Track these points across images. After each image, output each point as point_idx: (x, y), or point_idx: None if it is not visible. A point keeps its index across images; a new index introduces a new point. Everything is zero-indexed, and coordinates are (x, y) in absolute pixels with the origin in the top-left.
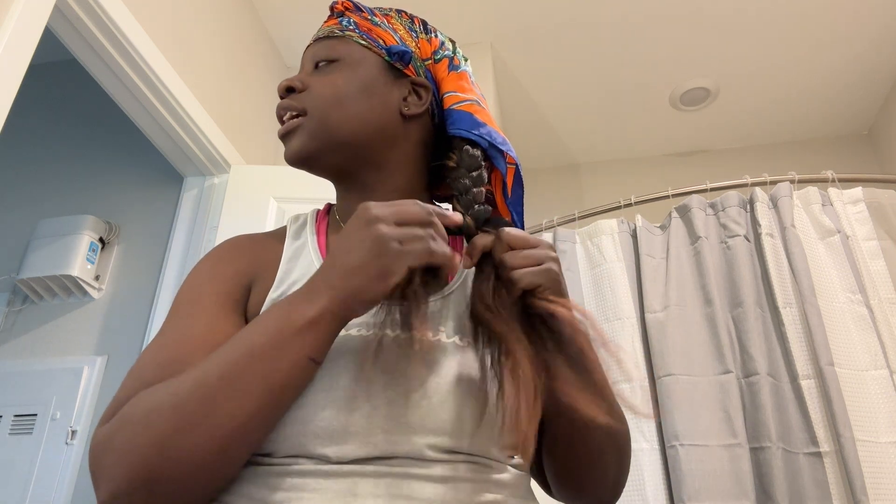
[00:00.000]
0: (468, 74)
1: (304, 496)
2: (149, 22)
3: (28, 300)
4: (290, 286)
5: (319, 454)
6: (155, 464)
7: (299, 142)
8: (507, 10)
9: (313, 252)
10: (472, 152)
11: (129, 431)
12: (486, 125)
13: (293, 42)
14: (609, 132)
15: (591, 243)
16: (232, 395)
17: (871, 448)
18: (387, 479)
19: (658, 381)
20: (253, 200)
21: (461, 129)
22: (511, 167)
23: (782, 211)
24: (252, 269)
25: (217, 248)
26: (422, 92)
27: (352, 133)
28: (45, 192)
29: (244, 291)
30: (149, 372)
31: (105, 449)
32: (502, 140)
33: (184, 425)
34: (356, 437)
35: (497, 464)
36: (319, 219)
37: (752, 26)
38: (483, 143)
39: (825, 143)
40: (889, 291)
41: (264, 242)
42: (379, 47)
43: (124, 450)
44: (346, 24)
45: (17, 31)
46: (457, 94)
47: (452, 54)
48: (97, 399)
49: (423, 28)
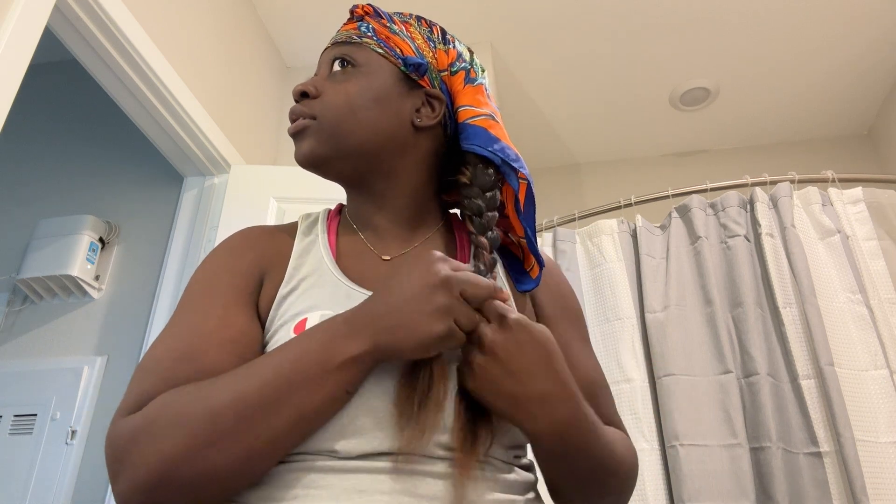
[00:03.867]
0: (484, 88)
1: (311, 493)
2: (149, 22)
3: (28, 300)
4: (299, 282)
5: (327, 449)
6: (180, 469)
7: (308, 145)
8: (507, 10)
9: (323, 249)
10: (487, 171)
11: (158, 433)
12: (500, 141)
13: (293, 42)
14: (609, 132)
15: (591, 243)
16: (265, 419)
17: (871, 448)
18: (393, 476)
19: (658, 381)
20: (253, 200)
21: (475, 145)
22: (523, 183)
23: (782, 211)
24: (264, 262)
25: (230, 238)
26: (435, 104)
27: (361, 142)
28: (45, 192)
29: (256, 285)
30: (167, 365)
31: (129, 442)
32: (515, 157)
33: (215, 440)
34: (364, 432)
35: (504, 464)
36: (330, 218)
37: (752, 26)
38: (496, 161)
39: (825, 143)
40: (889, 291)
41: (276, 235)
42: (396, 56)
43: (151, 449)
44: (364, 31)
45: (17, 31)
46: (472, 109)
47: (469, 66)
48: (97, 399)
49: (442, 37)
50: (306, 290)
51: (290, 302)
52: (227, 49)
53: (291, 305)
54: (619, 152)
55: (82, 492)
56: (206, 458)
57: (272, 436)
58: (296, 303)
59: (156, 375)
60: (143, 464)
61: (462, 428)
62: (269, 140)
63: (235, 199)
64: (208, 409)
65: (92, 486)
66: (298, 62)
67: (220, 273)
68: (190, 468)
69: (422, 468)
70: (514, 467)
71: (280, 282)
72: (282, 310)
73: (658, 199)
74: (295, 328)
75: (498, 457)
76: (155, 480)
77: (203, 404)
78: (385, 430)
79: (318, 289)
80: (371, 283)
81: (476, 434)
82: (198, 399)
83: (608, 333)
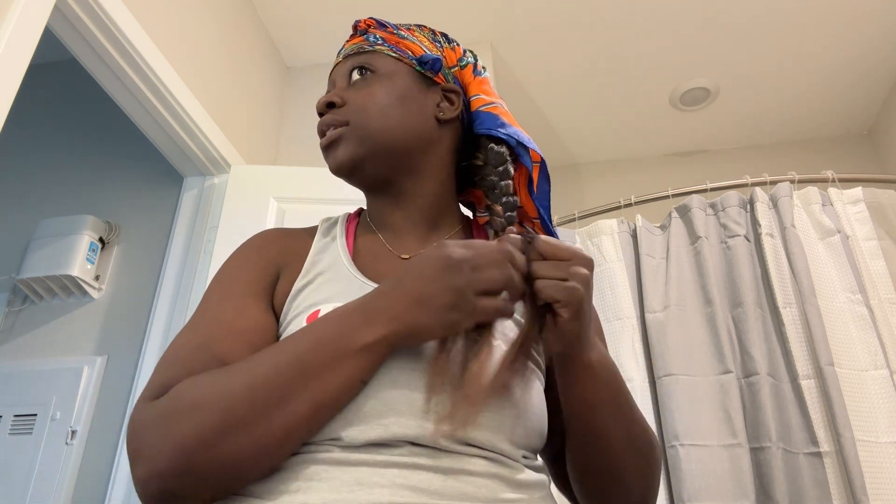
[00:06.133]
0: (489, 80)
1: (313, 485)
2: (149, 22)
3: (28, 300)
4: (315, 276)
5: (332, 437)
6: (197, 456)
7: (347, 150)
8: (507, 10)
9: (341, 249)
10: (498, 149)
11: (176, 419)
12: (512, 126)
13: (293, 42)
14: (609, 132)
15: (591, 243)
16: (281, 406)
17: (871, 448)
18: (394, 470)
19: (658, 381)
20: (253, 200)
21: (489, 129)
22: (536, 164)
23: (782, 211)
24: (281, 259)
25: (249, 239)
26: (453, 97)
27: (394, 140)
28: (45, 192)
29: (272, 280)
30: (187, 353)
31: (149, 428)
32: (528, 139)
33: (230, 427)
34: (370, 419)
35: (514, 463)
36: (350, 220)
37: (752, 26)
38: (511, 142)
39: (825, 143)
40: (889, 291)
41: (295, 236)
42: (409, 58)
43: (168, 435)
44: (373, 40)
45: (17, 31)
46: (483, 97)
47: (475, 61)
48: (97, 399)
49: (446, 39)
50: (321, 284)
51: (304, 295)
52: (227, 49)
53: (306, 298)
54: (619, 152)
55: (82, 492)
56: (222, 444)
57: (286, 425)
58: (310, 295)
59: (175, 365)
60: (159, 449)
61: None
62: (269, 140)
63: (235, 199)
64: (225, 397)
65: (92, 486)
66: (298, 62)
67: (238, 270)
68: (206, 454)
69: (424, 462)
70: (523, 467)
71: (296, 277)
72: (296, 302)
73: (658, 199)
74: (308, 319)
75: (506, 454)
76: (172, 467)
77: (219, 390)
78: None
79: (332, 283)
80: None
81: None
82: (215, 386)
83: (608, 333)
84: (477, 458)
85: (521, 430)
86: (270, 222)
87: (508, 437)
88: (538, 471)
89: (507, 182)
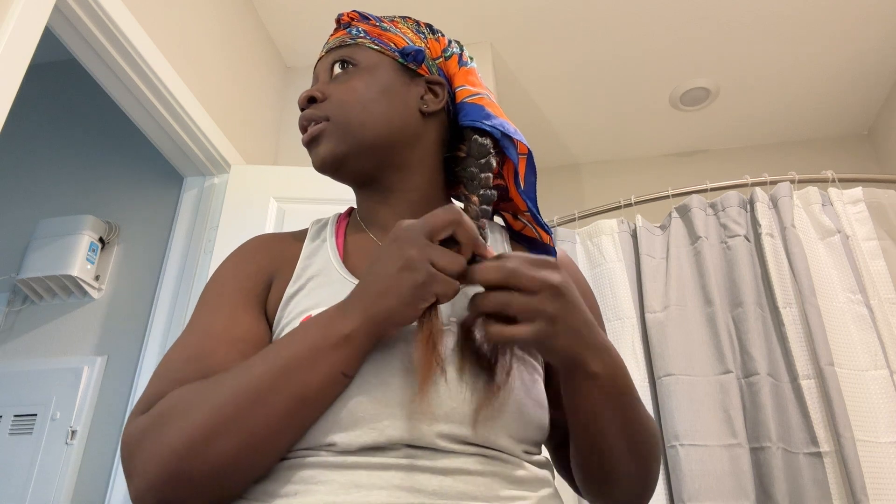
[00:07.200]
0: (476, 71)
1: (310, 488)
2: (149, 22)
3: (28, 300)
4: (307, 280)
5: (327, 442)
6: (187, 462)
7: (327, 147)
8: (507, 10)
9: (331, 251)
10: (482, 141)
11: (164, 428)
12: (497, 117)
13: (293, 42)
14: (609, 132)
15: (591, 243)
16: (266, 404)
17: (871, 448)
18: (391, 472)
19: (658, 381)
20: (253, 200)
21: (474, 120)
22: (523, 157)
23: (782, 211)
24: (273, 265)
25: (241, 246)
26: (437, 89)
27: (377, 135)
28: (45, 192)
29: (265, 287)
30: (178, 366)
31: (139, 442)
32: (514, 130)
33: (218, 428)
34: (363, 423)
35: (514, 459)
36: (340, 220)
37: (752, 26)
38: (496, 134)
39: (825, 143)
40: (889, 291)
41: (286, 241)
42: (392, 50)
43: (158, 445)
44: (355, 33)
45: (17, 31)
46: (468, 88)
47: (460, 51)
48: (97, 399)
49: (430, 30)
50: (313, 288)
51: (296, 301)
52: (227, 49)
53: (298, 304)
54: (619, 152)
55: (82, 492)
56: (212, 446)
57: (273, 423)
58: (302, 301)
59: (167, 377)
60: (151, 459)
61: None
62: (269, 140)
63: (235, 199)
64: (210, 401)
65: (92, 486)
66: (298, 62)
67: (229, 279)
68: (197, 458)
69: (422, 463)
70: (524, 462)
71: (288, 283)
72: (289, 308)
73: (658, 199)
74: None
75: (505, 449)
76: (165, 476)
77: (206, 396)
78: (384, 420)
79: (324, 287)
80: None
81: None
82: (201, 393)
83: (608, 333)
84: (474, 456)
85: (520, 424)
86: (270, 222)
87: (507, 432)
88: (541, 466)
89: (487, 175)
